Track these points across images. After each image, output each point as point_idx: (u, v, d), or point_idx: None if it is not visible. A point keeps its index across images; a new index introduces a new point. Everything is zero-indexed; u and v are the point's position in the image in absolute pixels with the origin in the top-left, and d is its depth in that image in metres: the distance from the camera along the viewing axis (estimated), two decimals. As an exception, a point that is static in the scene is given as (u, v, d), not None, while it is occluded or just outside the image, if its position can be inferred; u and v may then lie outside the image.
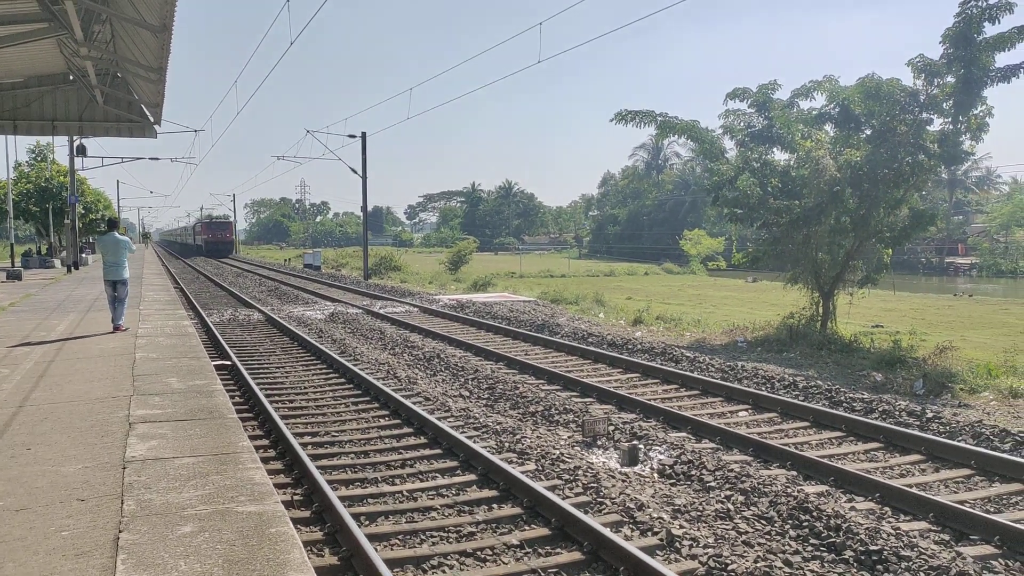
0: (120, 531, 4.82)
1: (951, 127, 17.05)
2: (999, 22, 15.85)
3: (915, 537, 6.82)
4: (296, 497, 8.04)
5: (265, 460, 8.71)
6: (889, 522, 7.26)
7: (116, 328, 14.83)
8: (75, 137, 29.59)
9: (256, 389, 12.78)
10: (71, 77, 21.33)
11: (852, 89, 17.65)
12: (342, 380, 14.44)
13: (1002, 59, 16.15)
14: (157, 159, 55.23)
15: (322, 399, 12.95)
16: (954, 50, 16.23)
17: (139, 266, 43.87)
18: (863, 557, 6.53)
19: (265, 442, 10.07)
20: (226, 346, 17.45)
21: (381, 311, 25.55)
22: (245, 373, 14.13)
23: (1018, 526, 6.81)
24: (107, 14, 13.81)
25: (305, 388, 13.84)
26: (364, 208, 47.45)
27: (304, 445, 9.92)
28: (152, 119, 23.50)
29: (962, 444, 9.38)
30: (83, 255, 45.45)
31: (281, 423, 10.69)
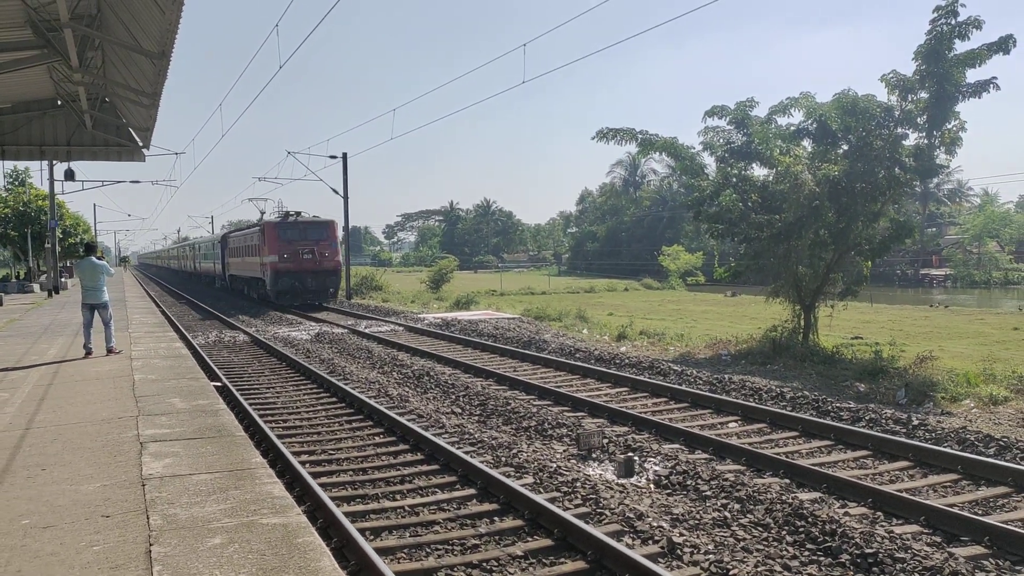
0: (151, 544, 4.97)
1: (925, 141, 17.50)
2: (969, 38, 16.33)
3: (908, 540, 7.07)
4: (301, 513, 8.15)
5: (269, 478, 8.82)
6: (883, 526, 7.50)
7: (109, 351, 14.89)
8: (63, 162, 29.57)
9: (250, 409, 12.88)
10: (59, 102, 21.42)
11: (829, 105, 18.06)
12: (334, 399, 14.54)
13: (973, 75, 16.64)
14: (138, 182, 55.56)
15: (315, 418, 13.05)
16: (926, 66, 16.69)
17: (120, 290, 43.63)
18: (859, 560, 6.76)
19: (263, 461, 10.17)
20: (215, 367, 17.50)
21: (367, 330, 25.64)
22: (237, 394, 14.22)
23: (1007, 527, 7.08)
24: (101, 40, 13.98)
25: (298, 408, 13.93)
26: (346, 229, 47.54)
27: (303, 463, 10.02)
28: (141, 143, 23.60)
29: (948, 450, 9.67)
30: (62, 279, 45.16)
31: (278, 442, 10.80)
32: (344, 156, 43.84)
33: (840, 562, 6.78)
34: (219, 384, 14.94)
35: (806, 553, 7.01)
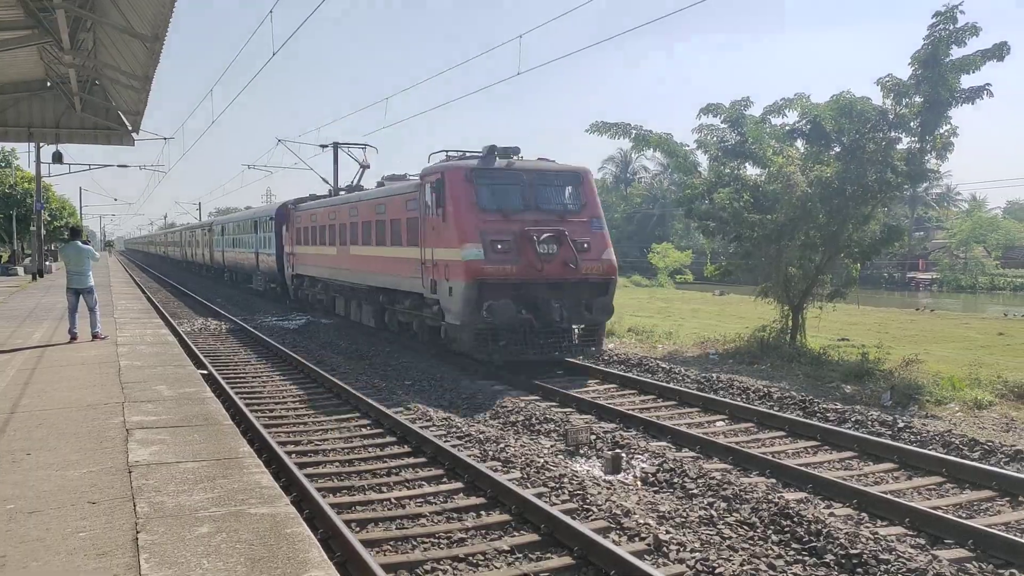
0: (138, 532, 4.94)
1: (917, 146, 17.55)
2: (965, 44, 16.37)
3: (893, 541, 7.10)
4: (287, 504, 8.11)
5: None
6: (867, 527, 7.53)
7: (94, 336, 14.79)
8: (51, 144, 29.37)
9: (236, 398, 12.83)
10: (49, 84, 21.27)
11: (824, 106, 18.08)
12: (320, 389, 14.50)
13: (967, 80, 16.69)
14: (126, 167, 54.30)
15: (301, 408, 13.02)
16: (922, 71, 16.72)
17: (105, 275, 43.39)
18: (844, 561, 6.79)
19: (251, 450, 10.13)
20: (200, 355, 17.41)
21: (355, 321, 25.51)
22: (223, 382, 14.16)
23: (990, 530, 7.12)
24: (93, 21, 13.87)
25: (284, 397, 13.89)
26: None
27: (288, 454, 9.99)
28: (130, 127, 23.45)
29: (933, 453, 9.73)
30: (47, 262, 44.85)
31: (264, 431, 10.77)
32: (335, 145, 43.58)
33: (825, 562, 6.81)
34: (204, 372, 14.87)
35: (791, 553, 7.03)
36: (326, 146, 43.84)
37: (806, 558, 6.90)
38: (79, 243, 15.28)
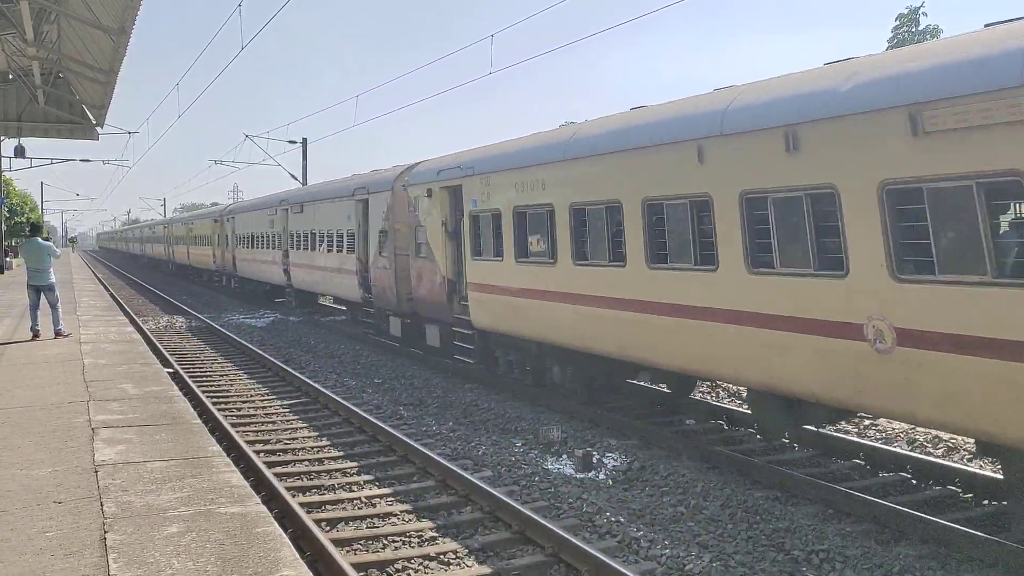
0: (105, 532, 4.87)
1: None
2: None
3: (858, 537, 7.19)
4: (255, 503, 8.05)
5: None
6: (832, 525, 7.62)
7: (57, 333, 14.56)
8: (13, 137, 28.74)
9: (203, 396, 12.72)
10: (11, 76, 20.85)
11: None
12: (289, 388, 14.41)
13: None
14: (88, 161, 53.45)
15: (270, 407, 12.93)
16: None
17: (67, 272, 42.68)
18: (811, 556, 6.87)
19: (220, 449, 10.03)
20: (166, 353, 17.22)
21: (324, 319, 25.40)
22: (189, 381, 14.01)
23: (954, 526, 7.22)
24: (58, 13, 13.61)
25: (252, 396, 13.79)
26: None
27: (257, 452, 9.93)
28: (94, 121, 23.06)
29: (898, 450, 9.85)
30: (7, 259, 44.00)
31: (232, 430, 10.70)
32: (304, 141, 43.31)
33: (792, 558, 6.88)
34: (171, 370, 14.71)
35: (760, 549, 7.09)
36: (295, 142, 43.57)
37: (774, 554, 6.96)
38: (39, 239, 15.05)
